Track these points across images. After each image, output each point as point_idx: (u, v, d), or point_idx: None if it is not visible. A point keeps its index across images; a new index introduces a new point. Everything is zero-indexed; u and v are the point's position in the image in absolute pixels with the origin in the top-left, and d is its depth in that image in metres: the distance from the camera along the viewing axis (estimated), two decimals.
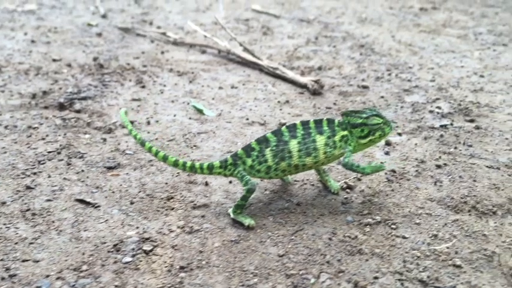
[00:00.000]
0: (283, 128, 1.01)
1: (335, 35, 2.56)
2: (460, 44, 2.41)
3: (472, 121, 1.49)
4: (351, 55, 2.19)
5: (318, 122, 1.02)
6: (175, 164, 1.04)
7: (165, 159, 1.03)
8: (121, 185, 1.13)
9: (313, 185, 1.15)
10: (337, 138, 1.02)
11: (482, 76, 1.91)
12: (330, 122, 1.03)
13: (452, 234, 0.98)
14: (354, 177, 1.18)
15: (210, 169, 1.03)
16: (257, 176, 1.03)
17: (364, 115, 1.02)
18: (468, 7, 3.33)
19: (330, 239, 0.96)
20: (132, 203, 1.06)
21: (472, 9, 3.25)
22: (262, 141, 1.01)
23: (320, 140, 1.01)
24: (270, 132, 1.02)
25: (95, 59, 2.03)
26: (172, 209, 1.05)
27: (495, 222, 1.02)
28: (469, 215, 1.05)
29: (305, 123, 1.02)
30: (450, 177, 1.18)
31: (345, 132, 1.03)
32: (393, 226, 1.00)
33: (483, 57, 2.18)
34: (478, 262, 0.90)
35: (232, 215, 1.01)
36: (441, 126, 1.45)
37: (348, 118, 1.03)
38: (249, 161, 1.01)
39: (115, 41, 2.34)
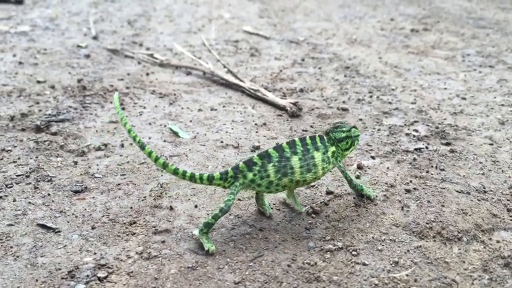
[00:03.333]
0: (284, 144, 1.03)
1: (322, 56, 2.57)
2: (447, 65, 2.42)
3: (447, 144, 1.49)
4: (335, 77, 2.19)
5: (313, 139, 1.06)
6: (175, 173, 1.01)
7: (164, 166, 1.00)
8: (85, 209, 1.13)
9: (278, 209, 1.14)
10: (329, 153, 1.08)
11: (464, 98, 1.91)
12: (321, 138, 1.08)
13: (414, 261, 0.97)
14: (320, 202, 1.17)
15: (210, 180, 1.02)
16: (256, 190, 1.04)
17: (345, 128, 1.11)
18: (460, 28, 3.34)
19: (288, 265, 0.95)
20: (93, 228, 1.05)
21: (464, 31, 3.26)
22: (264, 156, 1.02)
23: (317, 156, 1.05)
24: (272, 148, 1.03)
25: (79, 80, 2.04)
26: (134, 234, 1.04)
27: (459, 249, 1.01)
28: (434, 241, 1.03)
29: (302, 140, 1.05)
30: (418, 202, 1.17)
31: (334, 148, 1.09)
32: (354, 252, 0.98)
33: (468, 79, 2.18)
34: None
35: (197, 234, 1.00)
36: (416, 149, 1.45)
37: (334, 134, 1.10)
38: (250, 175, 1.01)
39: (102, 63, 2.36)
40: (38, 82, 2.02)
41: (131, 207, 1.14)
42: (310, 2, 4.45)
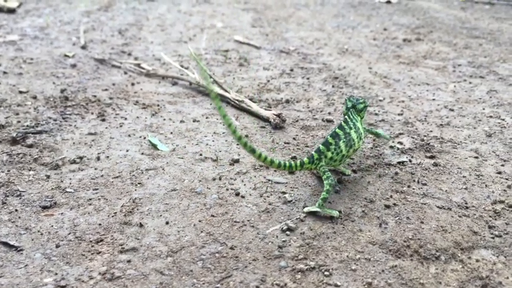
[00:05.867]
0: (342, 122, 1.24)
1: (312, 66, 2.54)
2: (437, 76, 2.39)
3: (432, 157, 1.45)
4: (323, 87, 2.16)
5: (350, 114, 1.28)
6: (271, 162, 1.10)
7: (271, 162, 1.10)
8: (52, 226, 1.09)
9: (252, 226, 1.11)
10: (361, 122, 1.31)
11: (452, 110, 1.88)
12: (353, 112, 1.30)
13: (388, 282, 0.93)
14: (296, 218, 1.13)
15: (302, 165, 1.18)
16: (332, 165, 1.23)
17: (361, 100, 1.33)
18: (453, 38, 3.32)
19: (257, 287, 0.91)
20: (57, 246, 1.01)
21: (456, 40, 3.24)
22: (335, 136, 1.21)
23: (359, 127, 1.28)
24: (337, 128, 1.23)
25: (62, 91, 2.01)
26: (99, 253, 1.00)
27: (436, 269, 0.97)
28: (410, 260, 1.00)
29: (348, 116, 1.27)
30: (397, 218, 1.13)
31: (359, 117, 1.31)
32: (327, 273, 0.95)
33: (457, 90, 2.15)
34: None
35: (319, 209, 1.12)
36: (399, 163, 1.41)
37: (358, 106, 1.31)
38: (329, 154, 1.20)
39: (88, 73, 2.33)
40: (20, 92, 1.99)
41: (100, 224, 1.10)
42: (304, 12, 4.44)
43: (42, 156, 1.42)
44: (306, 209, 1.15)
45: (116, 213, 1.15)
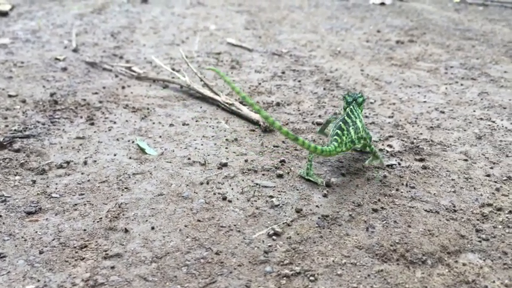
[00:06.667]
0: (349, 112, 1.35)
1: (303, 68, 2.53)
2: (429, 78, 2.38)
3: (421, 160, 1.45)
4: (314, 90, 2.16)
5: (353, 107, 1.37)
6: (308, 146, 1.17)
7: (303, 143, 1.14)
8: (36, 231, 1.08)
9: (239, 231, 1.10)
10: (362, 114, 1.41)
11: (442, 112, 1.87)
12: (355, 106, 1.38)
13: (373, 286, 0.92)
14: (283, 223, 1.12)
15: (335, 149, 1.25)
16: (340, 151, 1.29)
17: (359, 94, 1.41)
18: (446, 40, 3.33)
19: None
20: (41, 253, 1.00)
21: (449, 42, 3.24)
22: (346, 123, 1.31)
23: (362, 118, 1.37)
24: (345, 116, 1.33)
25: (52, 94, 2.00)
26: (83, 259, 0.99)
27: (422, 273, 0.96)
28: (397, 264, 0.99)
29: (353, 106, 1.37)
30: (384, 222, 1.13)
31: (360, 109, 1.40)
32: (312, 278, 0.94)
33: (449, 91, 2.15)
34: None
35: (380, 161, 1.38)
36: (387, 166, 1.41)
37: (358, 100, 1.39)
38: (344, 138, 1.29)
39: (78, 76, 2.32)
40: (10, 96, 1.97)
41: (84, 230, 1.09)
42: (298, 14, 4.44)
43: (28, 161, 1.41)
44: (366, 162, 1.37)
45: (101, 218, 1.14)
